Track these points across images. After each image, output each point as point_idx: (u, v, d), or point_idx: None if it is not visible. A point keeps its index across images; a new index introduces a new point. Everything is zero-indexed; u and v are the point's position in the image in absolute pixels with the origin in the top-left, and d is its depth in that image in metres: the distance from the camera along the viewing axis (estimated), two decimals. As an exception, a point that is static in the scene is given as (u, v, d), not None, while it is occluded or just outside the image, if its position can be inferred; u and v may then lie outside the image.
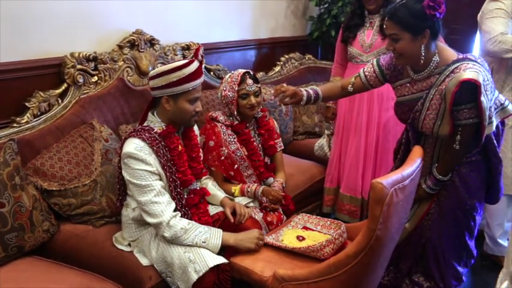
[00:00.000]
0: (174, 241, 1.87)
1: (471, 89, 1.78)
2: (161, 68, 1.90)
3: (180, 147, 1.99)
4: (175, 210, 1.90)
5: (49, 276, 1.82)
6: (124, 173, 1.90)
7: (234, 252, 2.00)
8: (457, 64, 1.84)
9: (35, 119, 2.24)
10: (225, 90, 2.34)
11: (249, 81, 2.33)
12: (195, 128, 2.16)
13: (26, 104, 2.24)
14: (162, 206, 1.86)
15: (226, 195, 2.25)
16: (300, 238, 2.09)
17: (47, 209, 2.07)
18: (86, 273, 1.87)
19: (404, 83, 2.02)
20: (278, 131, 2.61)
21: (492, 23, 2.45)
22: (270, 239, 2.06)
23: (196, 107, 1.96)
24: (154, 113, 1.99)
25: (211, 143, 2.33)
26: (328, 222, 2.20)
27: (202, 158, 2.22)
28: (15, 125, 2.18)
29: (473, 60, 1.86)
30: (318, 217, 2.26)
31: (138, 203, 1.89)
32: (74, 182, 2.13)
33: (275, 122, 2.63)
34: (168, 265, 1.88)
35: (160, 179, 1.91)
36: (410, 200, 1.85)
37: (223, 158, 2.33)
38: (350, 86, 2.17)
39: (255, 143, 2.43)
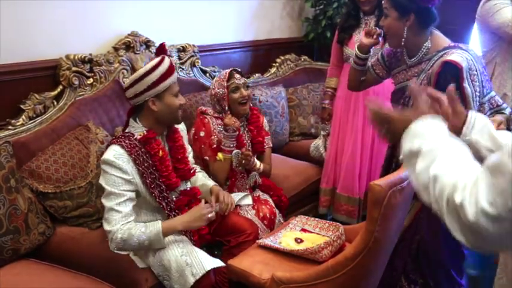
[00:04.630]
0: (122, 249, 1.85)
1: (453, 72, 1.79)
2: (136, 75, 1.87)
3: (161, 152, 1.95)
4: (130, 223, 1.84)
5: (45, 279, 1.81)
6: (100, 178, 1.86)
7: (232, 254, 1.99)
8: (447, 50, 1.87)
9: (30, 121, 2.23)
10: (214, 89, 2.40)
11: (237, 75, 2.40)
12: (183, 127, 2.15)
13: (21, 106, 2.22)
14: (119, 216, 1.80)
15: (215, 184, 2.23)
16: (298, 240, 2.09)
17: (42, 212, 2.06)
18: (82, 275, 1.86)
19: (401, 69, 2.06)
20: (267, 129, 2.60)
21: (501, 15, 2.49)
22: (268, 241, 2.05)
23: (180, 100, 1.97)
24: (136, 119, 1.95)
25: (202, 134, 2.39)
26: (327, 224, 2.19)
27: (191, 156, 2.21)
28: (10, 127, 2.16)
29: (464, 49, 1.87)
30: (316, 219, 2.26)
31: (104, 208, 1.84)
32: (69, 184, 2.12)
33: (265, 121, 2.62)
34: (166, 269, 1.87)
35: (134, 190, 1.87)
36: (408, 202, 1.85)
37: (214, 146, 2.37)
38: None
39: (243, 138, 2.45)
